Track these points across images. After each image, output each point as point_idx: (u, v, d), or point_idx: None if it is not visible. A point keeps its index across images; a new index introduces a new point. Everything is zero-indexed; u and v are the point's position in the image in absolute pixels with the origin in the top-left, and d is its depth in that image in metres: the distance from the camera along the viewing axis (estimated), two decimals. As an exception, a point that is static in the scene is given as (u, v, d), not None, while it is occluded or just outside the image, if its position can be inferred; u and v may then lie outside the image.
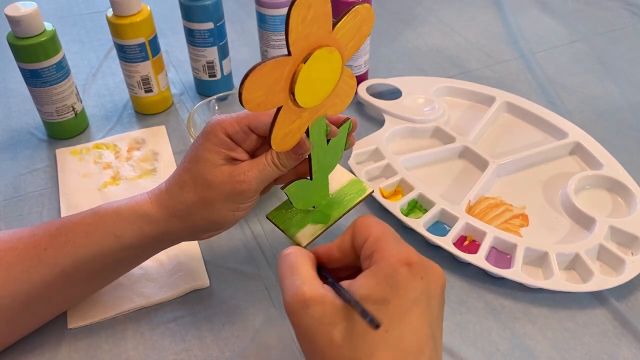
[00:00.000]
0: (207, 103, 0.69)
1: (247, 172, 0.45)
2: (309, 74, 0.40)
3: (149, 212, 0.47)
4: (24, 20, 0.63)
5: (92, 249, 0.46)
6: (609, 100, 0.79)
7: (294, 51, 0.39)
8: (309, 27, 0.39)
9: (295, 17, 0.37)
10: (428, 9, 1.01)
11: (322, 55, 0.41)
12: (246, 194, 0.46)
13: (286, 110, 0.41)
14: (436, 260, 0.57)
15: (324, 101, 0.44)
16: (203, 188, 0.46)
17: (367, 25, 0.44)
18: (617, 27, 0.95)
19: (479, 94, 0.77)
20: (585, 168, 0.67)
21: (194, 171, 0.46)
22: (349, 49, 0.43)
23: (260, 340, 0.51)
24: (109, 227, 0.46)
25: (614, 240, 0.58)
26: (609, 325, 0.52)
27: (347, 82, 0.46)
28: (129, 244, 0.47)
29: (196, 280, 0.55)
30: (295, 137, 0.44)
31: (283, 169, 0.47)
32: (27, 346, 0.51)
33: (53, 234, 0.46)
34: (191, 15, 0.72)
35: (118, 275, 0.51)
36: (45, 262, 0.45)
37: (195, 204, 0.46)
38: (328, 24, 0.40)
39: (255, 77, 0.38)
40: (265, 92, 0.39)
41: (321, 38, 0.40)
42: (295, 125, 0.43)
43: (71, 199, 0.65)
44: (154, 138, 0.73)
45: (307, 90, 0.41)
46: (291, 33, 0.38)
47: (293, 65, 0.40)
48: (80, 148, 0.72)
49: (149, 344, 0.51)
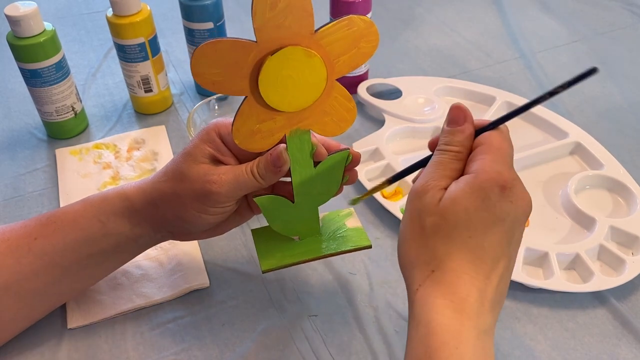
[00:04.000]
0: (207, 103, 0.69)
1: (222, 175, 0.44)
2: (277, 70, 0.38)
3: (131, 197, 0.47)
4: (23, 20, 0.63)
5: (78, 235, 0.47)
6: (609, 100, 0.79)
7: (260, 39, 0.37)
8: (281, 17, 0.37)
9: (262, 1, 0.36)
10: (428, 9, 1.01)
11: (295, 54, 0.38)
12: (215, 196, 0.44)
13: (251, 104, 0.40)
14: (436, 260, 0.58)
15: (305, 112, 0.42)
16: (177, 181, 0.46)
17: (367, 43, 0.41)
18: (617, 27, 0.95)
19: (479, 94, 0.77)
20: (586, 168, 0.67)
21: (176, 163, 0.46)
22: (341, 63, 0.40)
23: (260, 341, 0.51)
24: (95, 213, 0.47)
25: (614, 240, 0.58)
26: (609, 325, 0.52)
27: (341, 102, 0.43)
28: (112, 230, 0.47)
29: (196, 280, 0.55)
30: (267, 140, 0.43)
31: (261, 180, 0.45)
32: (27, 346, 0.51)
33: (43, 223, 0.47)
34: (191, 15, 0.72)
35: (109, 268, 0.51)
36: (34, 252, 0.46)
37: (167, 195, 0.46)
38: (307, 23, 0.38)
39: (207, 50, 0.37)
40: (222, 72, 0.38)
41: (297, 36, 0.38)
42: (266, 126, 0.42)
43: (71, 198, 0.65)
44: (154, 138, 0.73)
45: (275, 88, 0.39)
46: (255, 17, 0.36)
47: (258, 54, 0.38)
48: (80, 148, 0.72)
49: (148, 344, 0.51)
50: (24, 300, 0.48)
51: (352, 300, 0.54)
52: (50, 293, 0.49)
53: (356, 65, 0.41)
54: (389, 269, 0.57)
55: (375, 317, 0.53)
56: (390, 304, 0.54)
